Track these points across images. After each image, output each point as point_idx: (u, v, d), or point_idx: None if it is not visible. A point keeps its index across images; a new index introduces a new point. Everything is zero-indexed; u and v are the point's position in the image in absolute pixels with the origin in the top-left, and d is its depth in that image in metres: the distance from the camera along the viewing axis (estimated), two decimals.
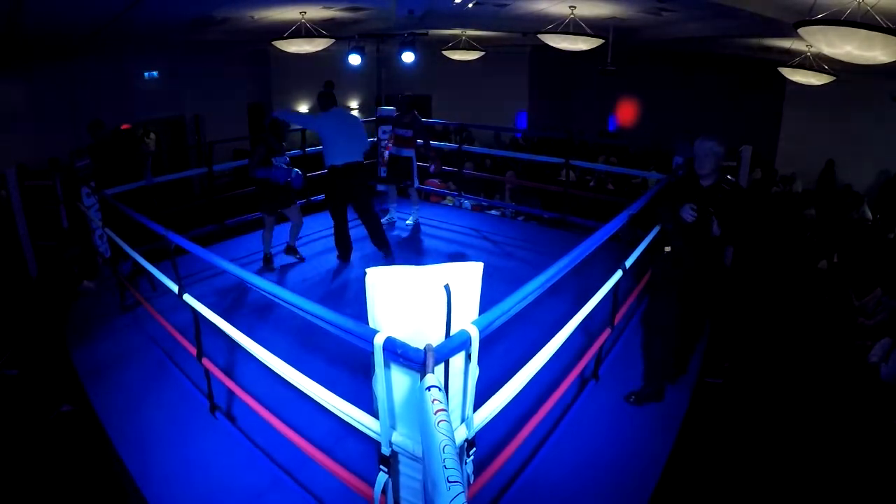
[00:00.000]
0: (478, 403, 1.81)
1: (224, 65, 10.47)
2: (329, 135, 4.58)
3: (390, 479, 1.72)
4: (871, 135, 8.92)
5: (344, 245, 4.95)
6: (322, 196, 6.05)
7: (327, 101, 4.67)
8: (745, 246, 5.30)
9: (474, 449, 1.77)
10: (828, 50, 3.96)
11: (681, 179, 3.27)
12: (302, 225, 5.02)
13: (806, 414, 3.48)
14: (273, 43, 7.00)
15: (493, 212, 6.93)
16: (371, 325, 1.61)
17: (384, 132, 6.44)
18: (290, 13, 6.69)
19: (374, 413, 1.72)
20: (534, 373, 2.10)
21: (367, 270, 1.56)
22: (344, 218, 4.83)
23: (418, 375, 1.48)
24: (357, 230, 5.12)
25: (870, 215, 7.69)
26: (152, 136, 9.70)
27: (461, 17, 7.76)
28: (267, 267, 4.88)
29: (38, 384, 3.45)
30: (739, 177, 4.73)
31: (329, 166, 4.64)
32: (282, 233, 5.21)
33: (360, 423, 1.81)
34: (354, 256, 5.12)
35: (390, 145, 5.98)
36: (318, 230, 5.92)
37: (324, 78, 12.92)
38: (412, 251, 5.41)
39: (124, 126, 9.32)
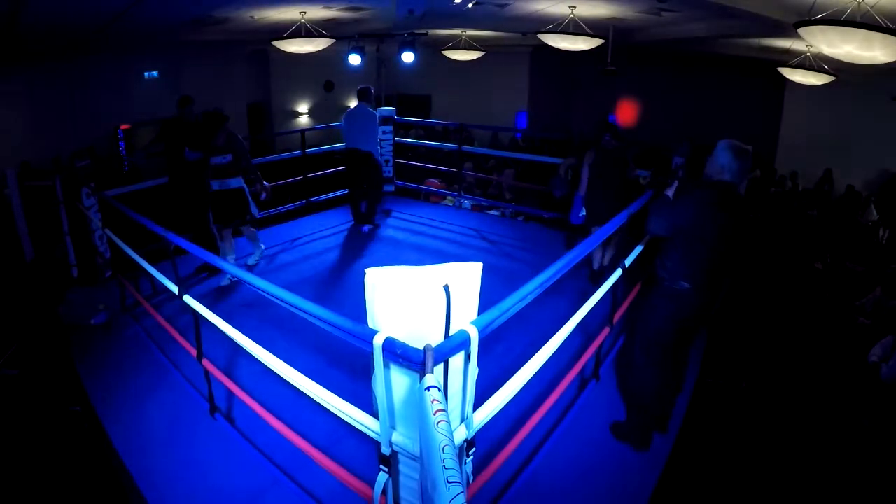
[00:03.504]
0: (477, 403, 1.81)
1: (224, 65, 10.47)
2: (346, 125, 5.67)
3: (390, 479, 1.72)
4: (871, 135, 8.91)
5: (357, 211, 5.93)
6: (322, 197, 6.41)
7: (360, 97, 5.65)
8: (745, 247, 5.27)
9: (474, 449, 1.77)
10: (828, 50, 3.96)
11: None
12: None
13: (805, 414, 3.49)
14: (273, 43, 7.00)
15: (492, 212, 6.93)
16: (370, 325, 1.61)
17: (384, 132, 6.65)
18: (290, 13, 6.70)
19: (373, 413, 1.72)
20: (533, 372, 2.09)
21: (367, 270, 1.56)
22: (357, 189, 5.87)
23: (417, 375, 1.48)
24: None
25: (875, 216, 7.68)
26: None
27: (461, 17, 7.75)
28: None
29: (40, 384, 3.45)
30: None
31: (348, 149, 5.69)
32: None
33: (359, 423, 1.81)
34: (355, 257, 5.15)
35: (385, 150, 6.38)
36: (317, 230, 5.92)
37: (324, 78, 12.98)
38: (412, 251, 5.41)
39: (124, 126, 9.35)
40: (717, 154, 2.49)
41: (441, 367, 1.53)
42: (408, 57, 8.76)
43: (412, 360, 1.44)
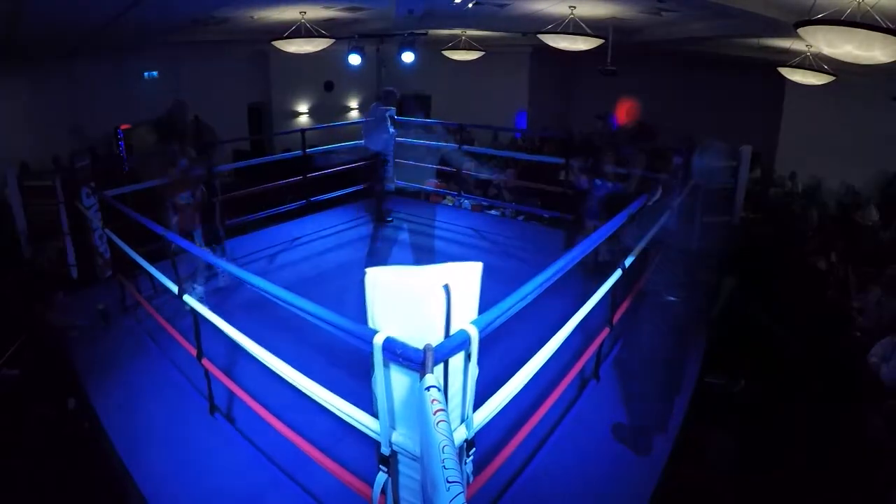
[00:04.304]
0: (477, 403, 1.81)
1: (224, 65, 10.46)
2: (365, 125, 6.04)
3: (390, 479, 1.72)
4: (871, 135, 8.91)
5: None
6: (322, 197, 6.40)
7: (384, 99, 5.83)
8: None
9: (474, 449, 1.77)
10: (828, 50, 3.96)
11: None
12: None
13: (805, 414, 3.48)
14: (273, 43, 7.00)
15: (493, 212, 6.93)
16: (370, 325, 1.61)
17: None
18: (290, 13, 6.70)
19: (373, 413, 1.72)
20: (533, 373, 2.09)
21: (367, 270, 1.56)
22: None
23: (417, 375, 1.48)
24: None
25: (875, 216, 7.67)
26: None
27: (461, 17, 7.75)
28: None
29: (40, 384, 3.44)
30: (739, 177, 4.74)
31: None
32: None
33: (359, 422, 1.81)
34: (355, 258, 5.16)
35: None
36: (317, 230, 5.93)
37: (324, 78, 12.95)
38: (412, 251, 5.41)
39: (124, 126, 9.34)
40: (693, 159, 2.52)
41: (441, 367, 1.53)
42: (408, 57, 8.75)
43: (412, 359, 1.44)
